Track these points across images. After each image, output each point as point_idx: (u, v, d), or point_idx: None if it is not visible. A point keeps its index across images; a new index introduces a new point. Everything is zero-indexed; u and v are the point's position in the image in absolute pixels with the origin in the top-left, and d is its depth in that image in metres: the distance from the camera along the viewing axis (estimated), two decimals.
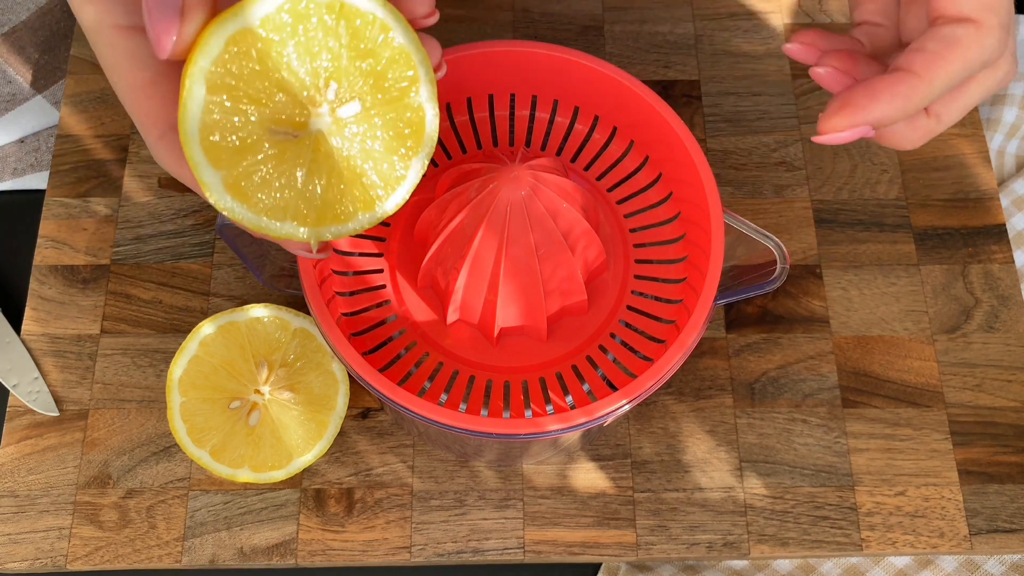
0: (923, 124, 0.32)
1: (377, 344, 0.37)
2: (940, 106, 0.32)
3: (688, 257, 0.38)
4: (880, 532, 0.43)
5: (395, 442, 0.44)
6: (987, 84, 0.32)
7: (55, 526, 0.42)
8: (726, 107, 0.51)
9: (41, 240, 0.48)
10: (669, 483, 0.44)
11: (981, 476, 0.44)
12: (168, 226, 0.48)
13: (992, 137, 0.53)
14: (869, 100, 0.30)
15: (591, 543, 0.43)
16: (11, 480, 0.43)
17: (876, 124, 0.30)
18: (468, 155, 0.41)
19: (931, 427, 0.45)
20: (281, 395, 0.43)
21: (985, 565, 0.44)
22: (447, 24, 0.53)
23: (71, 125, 0.50)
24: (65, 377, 0.45)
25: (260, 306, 0.43)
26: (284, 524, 0.43)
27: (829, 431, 0.45)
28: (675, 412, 0.45)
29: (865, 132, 0.30)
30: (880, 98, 0.30)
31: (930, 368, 0.46)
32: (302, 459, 0.42)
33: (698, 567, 0.45)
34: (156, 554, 0.42)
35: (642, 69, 0.52)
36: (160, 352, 0.46)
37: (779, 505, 0.43)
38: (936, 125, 0.32)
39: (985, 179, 0.50)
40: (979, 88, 0.32)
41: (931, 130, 0.33)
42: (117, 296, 0.47)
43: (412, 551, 0.42)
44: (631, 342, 0.38)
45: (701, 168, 0.36)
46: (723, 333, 0.47)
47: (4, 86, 0.53)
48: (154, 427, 0.44)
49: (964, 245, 0.48)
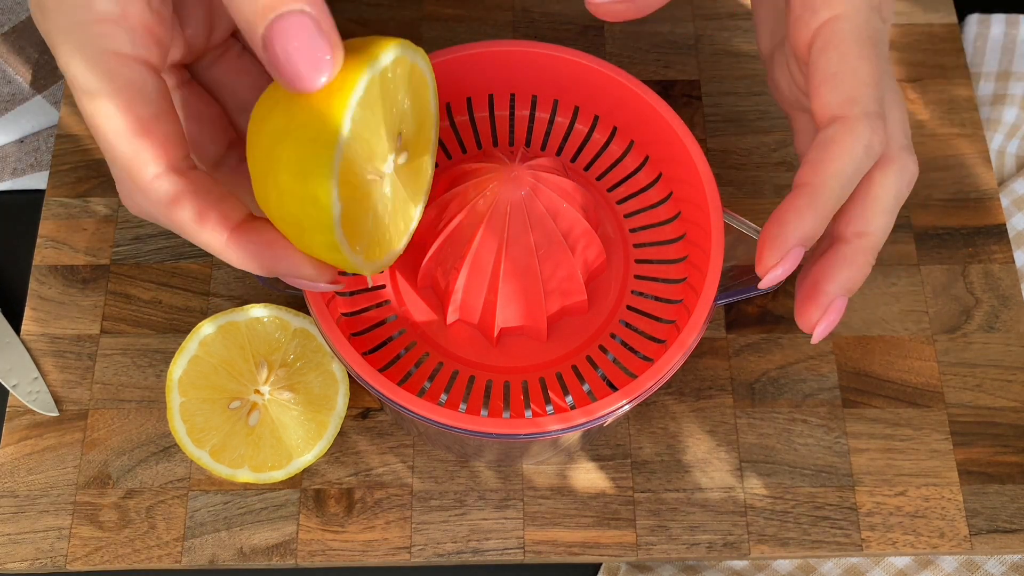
0: (854, 251, 0.33)
1: (377, 344, 0.37)
2: (856, 223, 0.33)
3: (688, 257, 0.38)
4: (880, 532, 0.43)
5: (395, 442, 0.44)
6: (890, 182, 0.34)
7: (55, 526, 0.42)
8: (726, 107, 0.51)
9: (41, 240, 0.48)
10: (669, 483, 0.44)
11: (981, 476, 0.44)
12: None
13: (992, 137, 0.53)
14: (779, 226, 0.31)
15: (591, 543, 0.43)
16: (11, 480, 0.43)
17: (801, 243, 0.31)
18: (468, 155, 0.41)
19: (931, 427, 0.45)
20: (281, 395, 0.43)
21: (985, 565, 0.44)
22: (447, 24, 0.53)
23: (71, 125, 0.50)
24: (65, 377, 0.45)
25: (260, 306, 0.43)
26: (284, 524, 0.43)
27: (829, 431, 0.45)
28: (675, 412, 0.45)
29: (798, 256, 0.31)
30: (787, 219, 0.31)
31: (930, 368, 0.46)
32: (302, 459, 0.42)
33: (698, 567, 0.45)
34: (156, 554, 0.42)
35: (642, 69, 0.52)
36: (160, 352, 0.46)
37: (779, 505, 0.43)
38: (869, 241, 0.33)
39: (985, 179, 0.50)
40: (886, 190, 0.33)
41: (866, 247, 0.34)
42: (117, 296, 0.47)
43: (412, 551, 0.42)
44: (631, 342, 0.38)
45: (701, 168, 0.36)
46: (723, 333, 0.46)
47: (4, 86, 0.53)
48: (154, 427, 0.44)
49: (964, 245, 0.48)
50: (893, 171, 0.33)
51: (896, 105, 0.35)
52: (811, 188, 0.31)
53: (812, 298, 0.33)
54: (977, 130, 0.51)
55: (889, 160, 0.33)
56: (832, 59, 0.32)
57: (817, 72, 0.33)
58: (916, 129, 0.51)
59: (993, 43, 0.54)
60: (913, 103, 0.52)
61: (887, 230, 0.34)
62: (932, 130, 0.51)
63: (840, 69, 0.32)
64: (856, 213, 0.33)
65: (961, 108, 0.51)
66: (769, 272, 0.31)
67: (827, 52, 0.32)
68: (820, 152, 0.32)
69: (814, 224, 0.31)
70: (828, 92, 0.32)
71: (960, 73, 0.52)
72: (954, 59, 0.53)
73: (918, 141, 0.50)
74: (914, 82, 0.52)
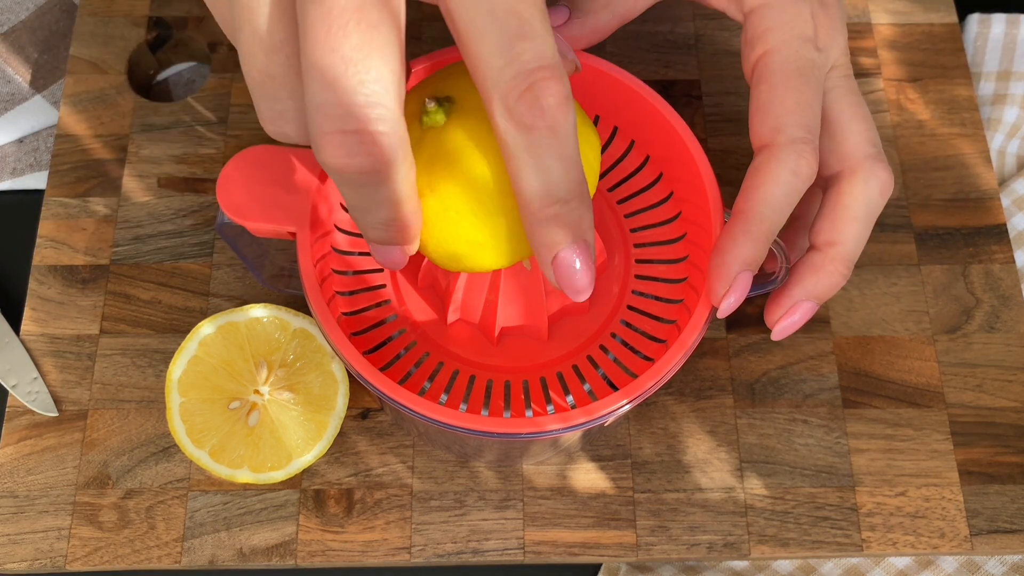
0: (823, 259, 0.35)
1: (377, 344, 0.37)
2: (825, 233, 0.35)
3: (689, 257, 0.38)
4: (881, 533, 0.43)
5: (395, 442, 0.44)
6: (857, 191, 0.36)
7: (54, 527, 0.42)
8: (727, 107, 0.51)
9: (40, 240, 0.48)
10: (669, 483, 0.44)
11: (982, 476, 0.44)
12: (167, 226, 0.48)
13: (992, 137, 0.53)
14: (720, 255, 0.33)
15: (591, 544, 0.43)
16: (10, 480, 0.43)
17: (745, 267, 0.33)
18: None
19: (932, 427, 0.45)
20: (281, 395, 0.42)
21: (986, 566, 0.44)
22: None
23: (70, 125, 0.50)
24: (64, 377, 0.45)
25: (260, 306, 0.43)
26: (284, 525, 0.43)
27: (830, 431, 0.45)
28: (675, 412, 0.45)
29: (746, 281, 0.33)
30: (725, 248, 0.33)
31: (931, 368, 0.46)
32: (302, 459, 0.42)
33: (698, 568, 0.45)
34: (155, 555, 0.42)
35: (642, 69, 0.52)
36: (159, 352, 0.46)
37: (779, 506, 0.43)
38: (839, 250, 0.35)
39: (986, 179, 0.50)
40: (853, 199, 0.35)
41: (835, 256, 0.35)
42: (116, 296, 0.47)
43: (412, 552, 0.42)
44: (632, 342, 0.38)
45: (702, 168, 0.36)
46: (724, 333, 0.46)
47: (3, 86, 0.53)
48: (153, 427, 0.44)
49: (965, 245, 0.48)
50: (859, 180, 0.35)
51: (858, 118, 0.36)
52: (743, 215, 0.33)
53: (776, 298, 0.35)
54: (978, 130, 0.51)
55: (853, 171, 0.35)
56: (762, 91, 0.35)
57: (751, 104, 0.35)
58: (916, 129, 0.51)
59: (994, 43, 0.54)
60: (913, 103, 0.51)
61: (859, 239, 0.36)
62: (932, 130, 0.51)
63: (768, 100, 0.34)
64: (825, 223, 0.35)
65: (961, 108, 0.51)
66: (722, 302, 0.33)
67: (759, 85, 0.35)
68: (750, 180, 0.34)
69: (752, 249, 0.33)
70: (758, 123, 0.34)
71: (960, 73, 0.52)
72: (954, 59, 0.53)
73: (918, 141, 0.50)
74: (914, 82, 0.52)
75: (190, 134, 0.50)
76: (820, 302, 0.35)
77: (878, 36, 0.53)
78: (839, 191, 0.35)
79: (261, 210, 0.35)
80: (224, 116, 0.50)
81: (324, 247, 0.37)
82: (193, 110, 0.51)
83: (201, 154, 0.50)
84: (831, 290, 0.35)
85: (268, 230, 0.35)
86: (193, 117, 0.50)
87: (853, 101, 0.37)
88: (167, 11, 0.53)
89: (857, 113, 0.37)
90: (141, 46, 0.52)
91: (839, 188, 0.35)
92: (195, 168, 0.49)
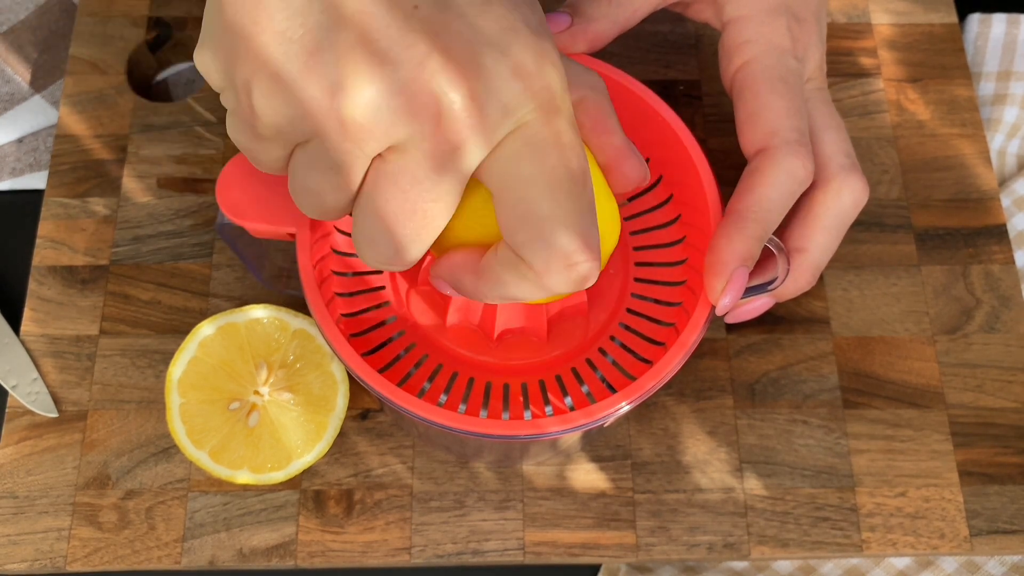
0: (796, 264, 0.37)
1: (377, 345, 0.37)
2: (795, 239, 0.36)
3: (688, 260, 0.38)
4: (881, 533, 0.43)
5: (395, 443, 0.44)
6: (829, 201, 0.37)
7: (54, 527, 0.42)
8: (727, 107, 0.51)
9: (40, 240, 0.48)
10: (669, 484, 0.44)
11: (982, 477, 0.44)
12: (167, 226, 0.48)
13: (993, 137, 0.53)
14: (715, 253, 0.34)
15: (591, 544, 0.43)
16: (10, 481, 0.43)
17: (740, 262, 0.33)
18: None
19: (932, 428, 0.45)
20: (280, 396, 0.42)
21: (986, 566, 0.44)
22: None
23: (70, 125, 0.50)
24: (64, 378, 0.45)
25: (259, 307, 0.43)
26: (283, 525, 0.43)
27: (830, 432, 0.45)
28: (675, 413, 0.45)
29: (742, 277, 0.33)
30: (720, 245, 0.34)
31: (931, 369, 0.46)
32: (301, 460, 0.42)
33: (698, 568, 0.45)
34: (155, 555, 0.42)
35: (642, 69, 0.52)
36: (159, 353, 0.46)
37: (779, 506, 0.43)
38: (806, 257, 0.36)
39: (986, 179, 0.50)
40: (825, 208, 0.36)
41: (802, 262, 0.37)
42: (116, 297, 0.47)
43: (412, 552, 0.42)
44: (631, 344, 0.38)
45: (702, 171, 0.36)
46: (723, 334, 0.46)
47: (2, 85, 0.53)
48: (153, 428, 0.44)
49: (965, 245, 0.48)
50: (831, 191, 0.36)
51: (832, 128, 0.37)
52: (737, 214, 0.34)
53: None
54: (978, 130, 0.51)
55: (827, 180, 0.36)
56: (748, 99, 0.36)
57: (739, 112, 0.36)
58: (916, 129, 0.51)
59: (994, 43, 0.54)
60: (913, 103, 0.51)
61: (828, 248, 0.37)
62: (932, 130, 0.51)
63: (758, 106, 0.35)
64: (796, 230, 0.37)
65: (962, 108, 0.51)
66: (719, 299, 0.33)
67: (744, 94, 0.36)
68: (746, 181, 0.35)
69: (747, 245, 0.33)
70: (751, 129, 0.35)
71: (961, 73, 0.52)
72: (954, 59, 0.52)
73: (918, 141, 0.50)
74: (914, 82, 0.52)
75: (190, 134, 0.50)
76: (778, 300, 0.37)
77: (878, 36, 0.53)
78: (812, 199, 0.36)
79: (261, 210, 0.35)
80: (224, 116, 0.50)
81: (324, 248, 0.37)
82: (193, 110, 0.51)
83: (201, 154, 0.50)
84: (793, 294, 0.37)
85: (267, 230, 0.35)
86: (193, 117, 0.50)
87: (827, 112, 0.38)
88: (167, 11, 0.53)
89: (831, 123, 0.37)
90: (141, 46, 0.52)
91: (812, 196, 0.36)
92: (195, 168, 0.49)
